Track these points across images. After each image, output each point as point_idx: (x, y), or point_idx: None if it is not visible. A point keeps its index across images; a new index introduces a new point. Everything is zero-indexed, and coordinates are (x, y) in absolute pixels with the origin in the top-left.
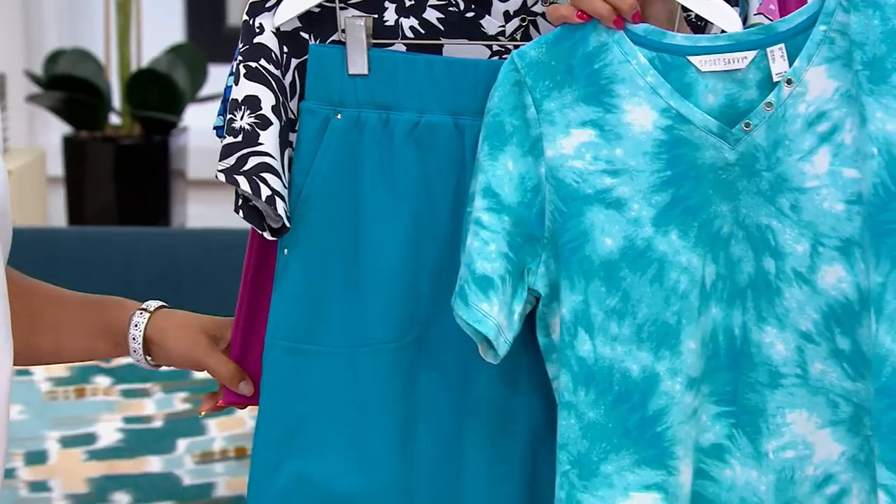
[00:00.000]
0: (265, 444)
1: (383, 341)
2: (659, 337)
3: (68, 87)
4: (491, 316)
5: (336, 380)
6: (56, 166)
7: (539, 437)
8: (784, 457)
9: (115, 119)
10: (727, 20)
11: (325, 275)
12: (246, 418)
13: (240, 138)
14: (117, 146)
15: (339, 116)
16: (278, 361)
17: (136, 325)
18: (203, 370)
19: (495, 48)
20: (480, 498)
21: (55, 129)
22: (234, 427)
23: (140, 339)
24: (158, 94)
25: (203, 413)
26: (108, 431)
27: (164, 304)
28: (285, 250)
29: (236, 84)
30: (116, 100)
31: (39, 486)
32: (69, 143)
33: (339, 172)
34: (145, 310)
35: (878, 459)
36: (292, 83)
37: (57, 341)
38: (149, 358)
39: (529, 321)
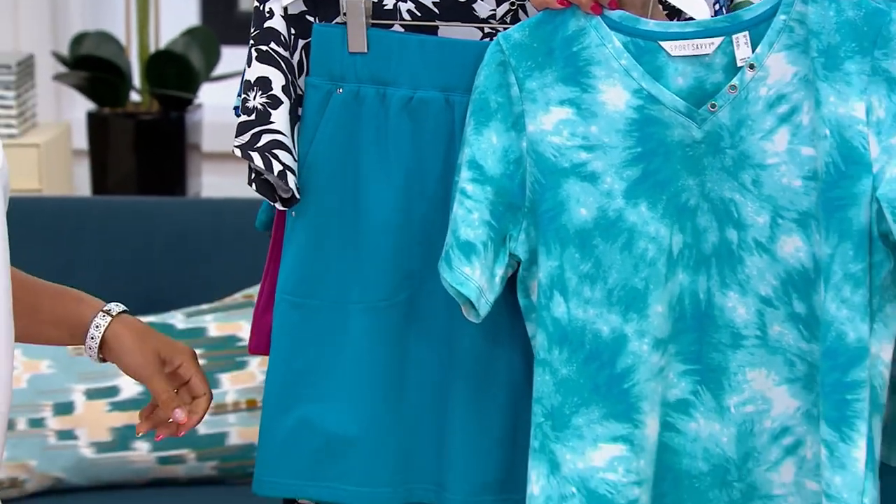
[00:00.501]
0: (274, 390)
1: (377, 299)
2: (628, 301)
3: (92, 66)
4: (473, 279)
5: (334, 333)
6: (81, 140)
7: (519, 390)
8: (745, 411)
9: (135, 96)
10: (696, 9)
11: (325, 236)
12: (256, 373)
13: (253, 117)
14: (137, 121)
15: (340, 91)
16: (285, 314)
17: (96, 327)
18: (146, 386)
19: (487, 30)
20: (464, 446)
21: (80, 106)
22: (245, 381)
23: (98, 340)
24: (175, 73)
25: (140, 434)
26: (130, 385)
27: (125, 309)
28: (293, 213)
29: (249, 66)
30: (136, 78)
31: (67, 435)
32: (93, 119)
33: (340, 142)
34: (108, 313)
35: (821, 416)
36: (299, 62)
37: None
38: (101, 357)
39: (512, 283)
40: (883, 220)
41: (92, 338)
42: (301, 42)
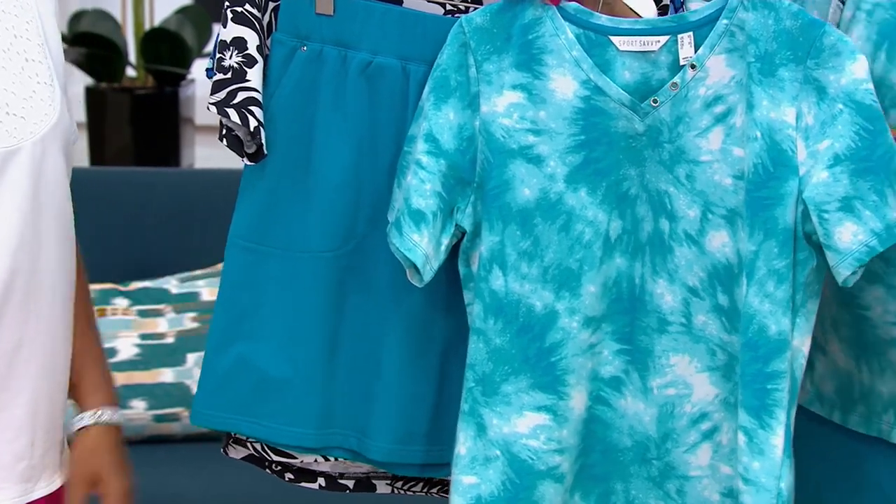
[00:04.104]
0: (218, 327)
1: (322, 250)
2: (561, 279)
3: (90, 43)
4: (420, 246)
5: (279, 278)
6: (79, 113)
7: (450, 350)
8: (666, 393)
9: (130, 72)
10: (643, 7)
11: (279, 186)
12: None
13: (229, 75)
14: (133, 96)
15: (304, 49)
16: (235, 257)
17: (80, 419)
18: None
19: (448, 7)
20: (394, 397)
21: (78, 81)
22: None
23: (71, 430)
24: (169, 49)
25: None
26: (126, 346)
27: (113, 420)
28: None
29: (224, 27)
30: (132, 55)
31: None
32: (91, 93)
33: (299, 98)
34: (96, 416)
35: (740, 404)
36: (269, 23)
37: None
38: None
39: (453, 251)
40: (808, 221)
41: (72, 423)
42: (272, 4)
